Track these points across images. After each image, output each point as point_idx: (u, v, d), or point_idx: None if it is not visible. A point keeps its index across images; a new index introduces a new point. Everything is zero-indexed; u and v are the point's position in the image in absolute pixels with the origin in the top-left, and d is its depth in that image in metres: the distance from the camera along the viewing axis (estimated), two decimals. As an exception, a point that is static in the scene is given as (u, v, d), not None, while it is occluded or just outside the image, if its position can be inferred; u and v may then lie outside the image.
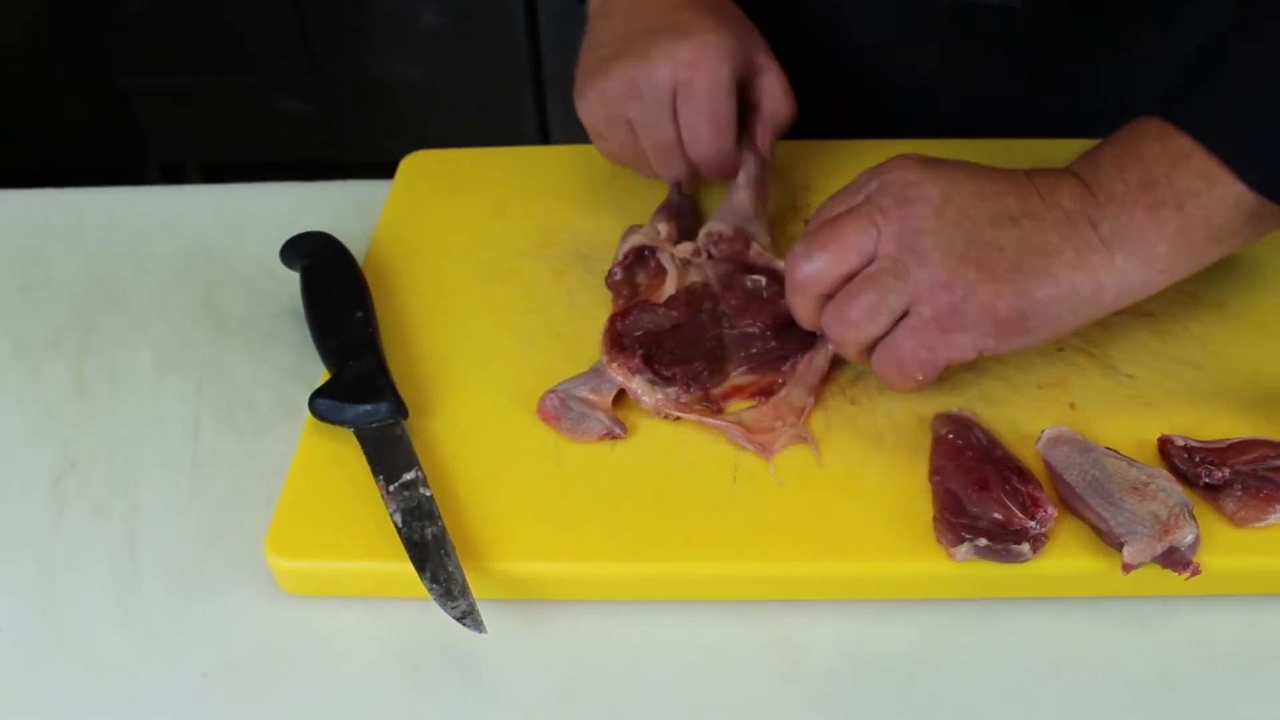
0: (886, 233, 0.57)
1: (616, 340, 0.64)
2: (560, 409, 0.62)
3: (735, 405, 0.63)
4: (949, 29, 0.82)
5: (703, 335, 0.65)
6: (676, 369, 0.63)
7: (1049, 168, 0.60)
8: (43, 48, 2.33)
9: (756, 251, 0.70)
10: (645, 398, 0.62)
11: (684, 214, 0.74)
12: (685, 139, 0.71)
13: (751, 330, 0.66)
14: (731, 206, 0.72)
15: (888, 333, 0.59)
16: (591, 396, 0.62)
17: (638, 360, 0.63)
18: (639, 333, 0.65)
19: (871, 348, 0.60)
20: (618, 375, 0.63)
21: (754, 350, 0.65)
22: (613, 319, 0.66)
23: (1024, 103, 0.83)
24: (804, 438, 0.60)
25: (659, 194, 0.77)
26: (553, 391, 0.63)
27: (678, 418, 0.62)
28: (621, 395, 0.63)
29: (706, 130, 0.70)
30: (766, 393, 0.63)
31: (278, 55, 2.30)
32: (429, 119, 2.30)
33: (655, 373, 0.63)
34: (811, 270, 0.59)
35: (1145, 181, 0.57)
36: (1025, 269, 0.57)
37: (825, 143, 0.83)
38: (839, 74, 0.89)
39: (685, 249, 0.70)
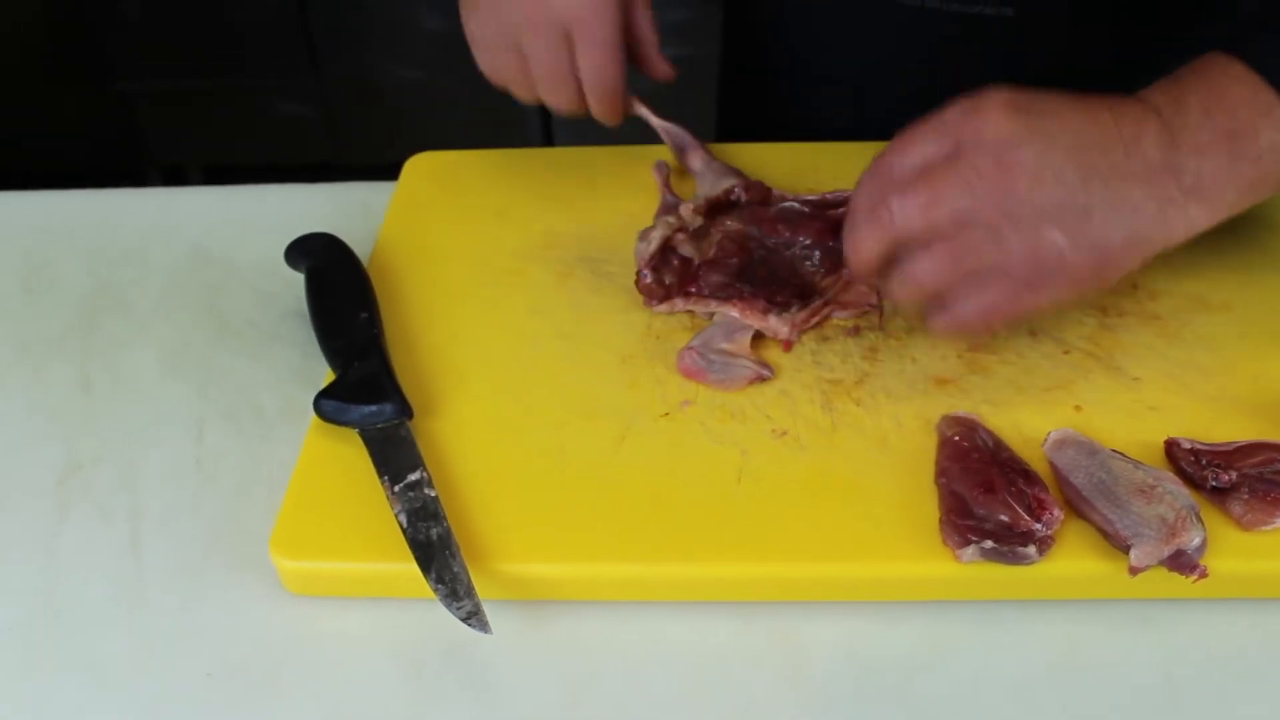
0: (983, 196, 0.57)
1: (727, 290, 0.68)
2: (703, 363, 0.64)
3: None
4: (942, 39, 0.82)
5: (774, 263, 0.70)
6: (784, 294, 0.67)
7: (1130, 101, 0.60)
8: (42, 51, 2.33)
9: (777, 192, 0.76)
10: (781, 328, 0.66)
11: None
12: (583, 71, 0.74)
13: (806, 243, 0.71)
14: (714, 173, 0.76)
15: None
16: (730, 346, 0.65)
17: (761, 301, 0.66)
18: (726, 282, 0.69)
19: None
20: (749, 319, 0.66)
21: (819, 256, 0.71)
22: (686, 287, 0.69)
23: None
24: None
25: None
26: (689, 349, 0.65)
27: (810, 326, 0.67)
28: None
29: (604, 63, 0.74)
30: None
31: (279, 58, 2.30)
32: (430, 122, 2.31)
33: (773, 304, 0.66)
34: (902, 217, 0.58)
35: (1230, 131, 0.57)
36: (1110, 228, 0.57)
37: (819, 145, 0.83)
38: (833, 84, 0.90)
39: (687, 212, 0.73)
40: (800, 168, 0.80)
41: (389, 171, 0.84)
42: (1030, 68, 0.83)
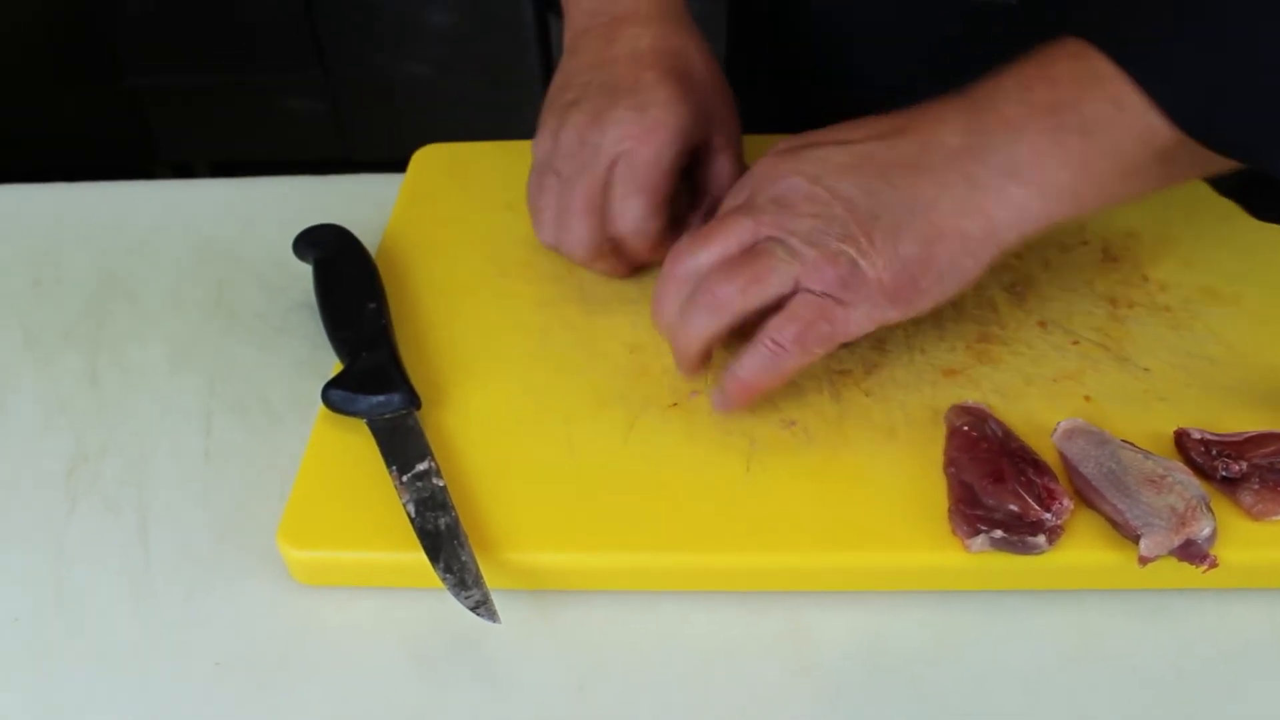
0: (766, 223, 0.57)
1: None
2: None
3: None
4: (946, 31, 0.82)
5: None
6: None
7: (935, 102, 0.58)
8: (49, 48, 2.33)
9: None
10: None
11: None
12: (614, 210, 0.67)
13: None
14: None
15: (762, 317, 0.57)
16: None
17: None
18: None
19: (736, 336, 0.59)
20: None
21: None
22: None
23: None
24: None
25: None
26: None
27: None
28: None
29: (635, 205, 0.66)
30: None
31: (287, 54, 2.31)
32: (438, 118, 2.31)
33: None
34: (692, 260, 0.58)
35: (1050, 104, 0.54)
36: (902, 231, 0.55)
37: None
38: (831, 76, 0.89)
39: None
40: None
41: (397, 167, 0.84)
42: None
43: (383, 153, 2.29)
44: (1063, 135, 0.54)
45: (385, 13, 2.22)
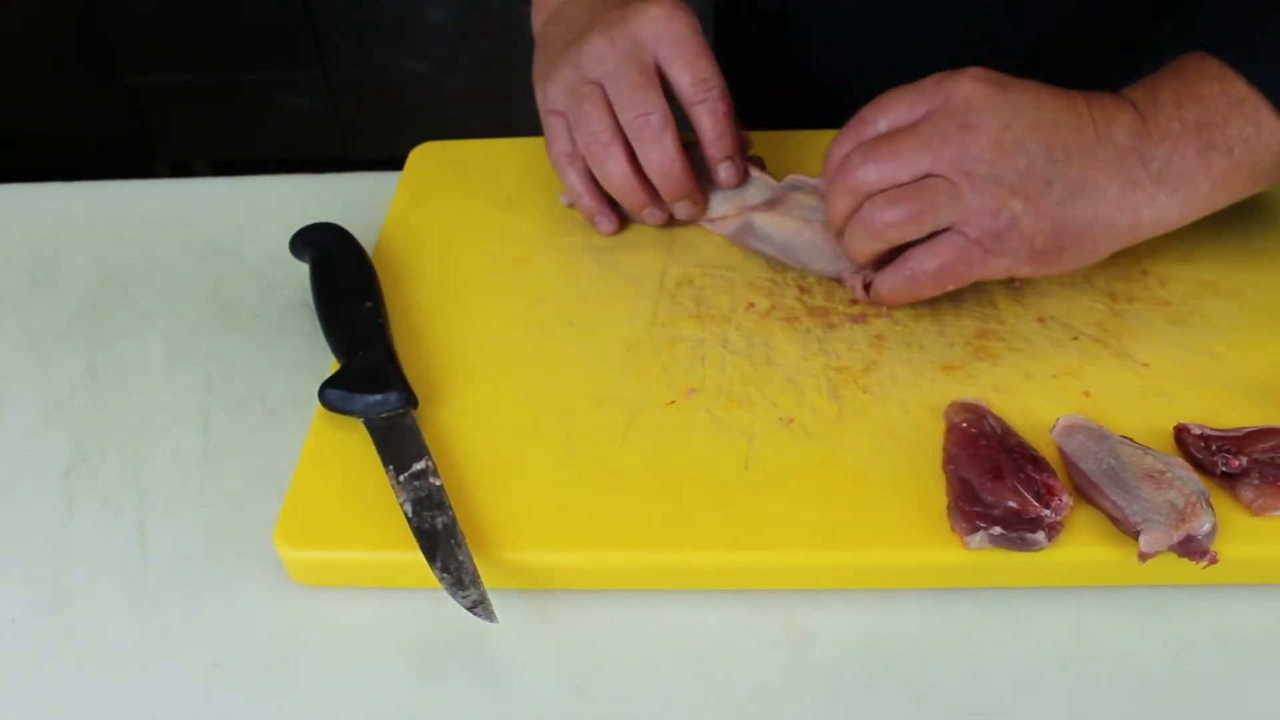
0: (943, 156, 0.59)
1: None
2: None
3: None
4: (937, 24, 0.81)
5: None
6: None
7: (1107, 94, 0.61)
8: (48, 47, 2.33)
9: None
10: None
11: None
12: (678, 78, 0.69)
13: None
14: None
15: (915, 244, 0.61)
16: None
17: None
18: None
19: (883, 260, 0.63)
20: None
21: None
22: None
23: None
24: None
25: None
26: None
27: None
28: None
29: (702, 65, 0.69)
30: None
31: (286, 52, 2.31)
32: (437, 115, 2.31)
33: None
34: (863, 176, 0.61)
35: (1202, 123, 0.59)
36: (1070, 205, 0.59)
37: (808, 134, 0.82)
38: (824, 71, 0.89)
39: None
40: (792, 155, 0.80)
41: (397, 164, 0.84)
42: (1025, 50, 0.82)
43: (383, 150, 2.27)
44: (1210, 153, 0.59)
45: (384, 10, 2.22)
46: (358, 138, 2.40)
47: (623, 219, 0.74)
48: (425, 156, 0.83)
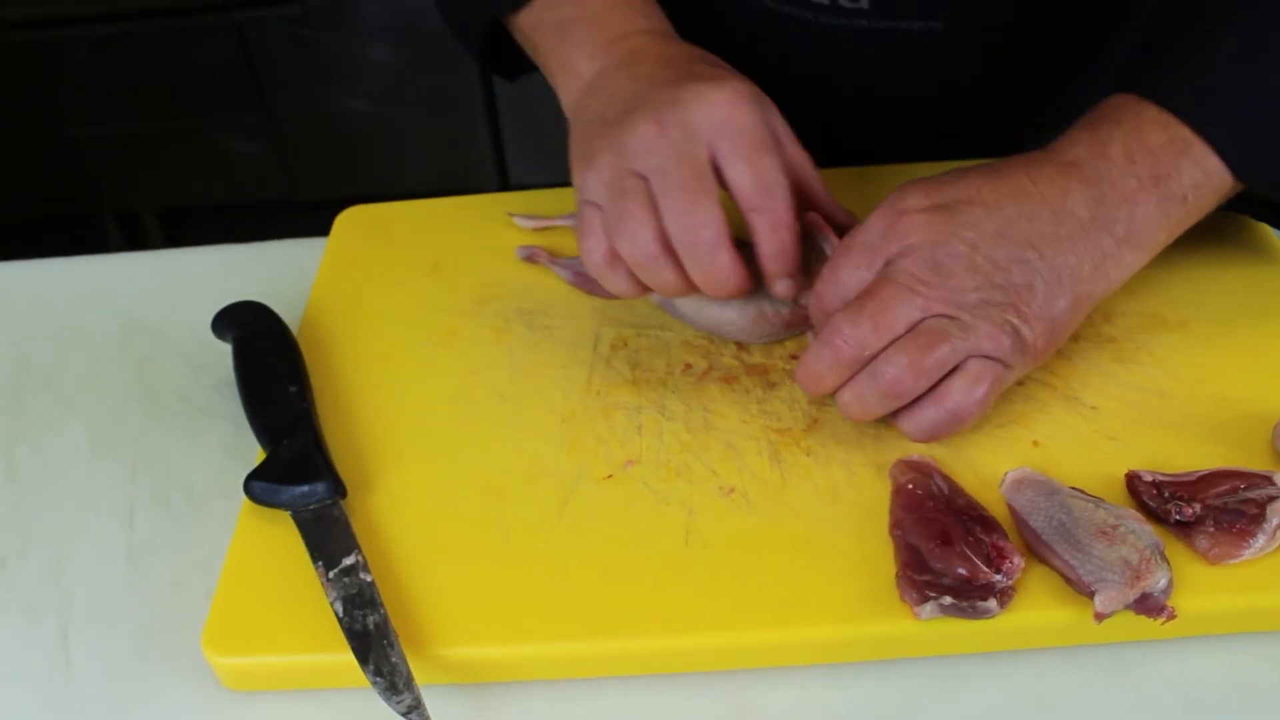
0: (933, 298, 0.57)
1: None
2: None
3: None
4: (873, 55, 0.80)
5: None
6: None
7: (1044, 160, 0.60)
8: (-15, 101, 2.30)
9: None
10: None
11: None
12: (736, 178, 0.59)
13: None
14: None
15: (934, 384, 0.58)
16: None
17: None
18: None
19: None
20: None
21: None
22: None
23: (948, 125, 0.82)
24: None
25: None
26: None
27: None
28: None
29: (767, 163, 0.59)
30: None
31: (227, 96, 2.28)
32: (383, 154, 2.28)
33: None
34: (860, 340, 0.57)
35: (1157, 176, 0.59)
36: (1053, 298, 0.58)
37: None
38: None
39: None
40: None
41: (345, 205, 0.82)
42: (959, 80, 0.81)
43: (329, 191, 2.26)
44: (1168, 205, 0.59)
45: (324, 50, 2.19)
46: (303, 178, 2.37)
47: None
48: (351, 221, 0.81)
